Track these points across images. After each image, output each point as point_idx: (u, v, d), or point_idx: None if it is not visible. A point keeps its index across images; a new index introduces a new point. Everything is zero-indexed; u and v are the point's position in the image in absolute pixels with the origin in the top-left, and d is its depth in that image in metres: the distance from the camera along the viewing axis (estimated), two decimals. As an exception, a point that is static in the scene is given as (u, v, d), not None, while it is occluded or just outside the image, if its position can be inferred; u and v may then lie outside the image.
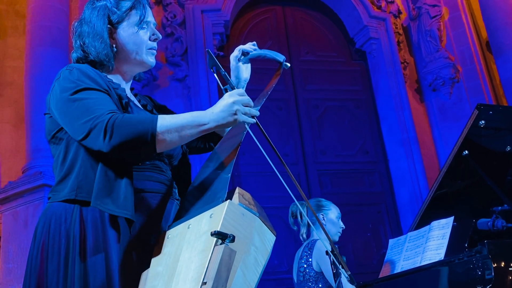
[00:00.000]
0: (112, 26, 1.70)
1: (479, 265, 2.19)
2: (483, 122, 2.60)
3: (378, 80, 6.77)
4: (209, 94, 5.87)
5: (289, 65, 1.84)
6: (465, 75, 6.68)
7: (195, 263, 1.31)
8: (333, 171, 6.31)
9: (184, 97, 5.97)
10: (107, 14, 1.69)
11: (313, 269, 3.22)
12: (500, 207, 2.46)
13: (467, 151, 2.65)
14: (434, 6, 6.77)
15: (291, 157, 6.18)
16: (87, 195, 1.50)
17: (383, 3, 6.96)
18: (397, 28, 6.97)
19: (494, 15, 6.33)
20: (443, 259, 2.41)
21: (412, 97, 6.73)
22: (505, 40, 6.19)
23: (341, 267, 1.66)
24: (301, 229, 3.47)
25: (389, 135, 6.57)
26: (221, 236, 1.27)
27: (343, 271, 1.63)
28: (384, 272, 2.77)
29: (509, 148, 2.76)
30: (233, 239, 1.28)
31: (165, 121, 1.48)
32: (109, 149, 1.46)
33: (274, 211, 5.28)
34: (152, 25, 1.76)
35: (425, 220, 2.76)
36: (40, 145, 4.80)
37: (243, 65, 1.83)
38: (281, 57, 1.83)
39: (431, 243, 2.55)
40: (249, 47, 1.84)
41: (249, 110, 1.52)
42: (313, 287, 3.22)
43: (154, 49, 1.76)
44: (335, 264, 2.15)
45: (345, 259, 1.78)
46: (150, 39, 1.74)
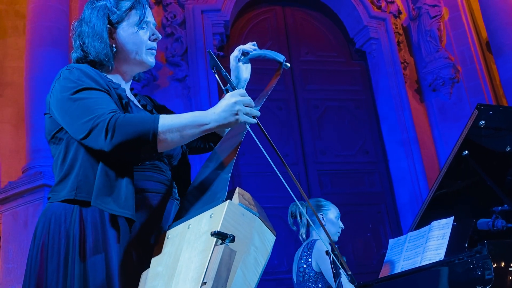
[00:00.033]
0: (111, 26, 1.70)
1: (479, 265, 2.19)
2: (483, 122, 2.60)
3: (378, 80, 6.77)
4: (209, 94, 5.87)
5: (289, 65, 1.84)
6: (465, 75, 6.68)
7: (195, 263, 1.31)
8: (333, 171, 6.31)
9: (184, 97, 5.97)
10: (107, 14, 1.69)
11: (312, 269, 3.22)
12: (500, 207, 2.46)
13: (467, 151, 2.65)
14: (434, 6, 6.77)
15: (291, 157, 6.18)
16: (87, 195, 1.50)
17: (383, 3, 6.96)
18: (397, 28, 6.97)
19: (494, 15, 6.33)
20: (443, 259, 2.41)
21: (412, 97, 6.73)
22: (505, 40, 6.19)
23: (342, 267, 1.66)
24: (300, 229, 3.46)
25: (389, 135, 6.56)
26: (221, 236, 1.27)
27: (343, 271, 1.63)
28: (384, 272, 2.77)
29: (509, 148, 2.76)
30: (233, 239, 1.28)
31: (166, 120, 1.48)
32: (111, 148, 1.46)
33: (274, 211, 5.28)
34: (152, 25, 1.76)
35: (425, 220, 2.76)
36: (40, 145, 4.79)
37: (243, 65, 1.83)
38: (281, 57, 1.83)
39: (431, 243, 2.55)
40: (249, 47, 1.84)
41: (250, 110, 1.53)
42: (313, 287, 3.21)
43: (153, 49, 1.76)
44: (335, 264, 2.15)
45: (345, 259, 1.78)
46: (150, 39, 1.74)
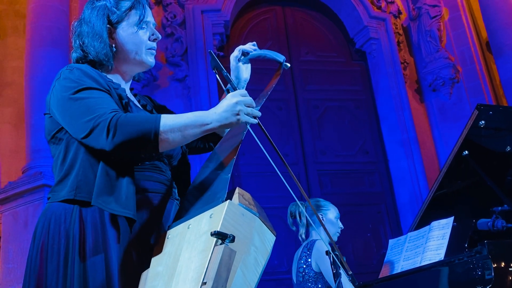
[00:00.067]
0: (111, 26, 1.69)
1: (479, 265, 2.19)
2: (483, 122, 2.61)
3: (378, 80, 6.77)
4: (209, 94, 5.87)
5: (289, 65, 1.84)
6: (465, 76, 6.68)
7: (195, 263, 1.31)
8: (333, 171, 6.31)
9: (184, 97, 5.97)
10: (107, 14, 1.69)
11: (312, 270, 3.22)
12: (500, 207, 2.46)
13: (467, 151, 2.65)
14: (434, 6, 6.77)
15: (291, 157, 6.18)
16: (87, 195, 1.50)
17: (383, 4, 6.96)
18: (397, 28, 6.97)
19: (494, 15, 6.33)
20: (443, 259, 2.41)
21: (412, 97, 6.73)
22: (505, 40, 6.19)
23: (342, 267, 1.66)
24: (300, 229, 3.45)
25: (389, 135, 6.56)
26: (221, 236, 1.27)
27: (343, 271, 1.63)
28: (384, 272, 2.77)
29: (509, 148, 2.76)
30: (233, 239, 1.28)
31: (168, 120, 1.48)
32: (112, 147, 1.46)
33: (274, 211, 5.28)
34: (151, 25, 1.76)
35: (425, 220, 2.76)
36: (40, 145, 4.79)
37: (243, 65, 1.83)
38: (281, 57, 1.83)
39: (431, 243, 2.55)
40: (249, 47, 1.84)
41: (251, 110, 1.53)
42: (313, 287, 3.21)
43: (153, 49, 1.76)
44: (335, 264, 2.14)
45: (345, 259, 1.78)
46: (149, 39, 1.74)
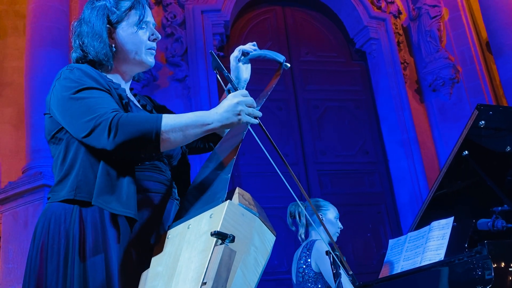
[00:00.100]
0: (111, 26, 1.70)
1: (479, 265, 2.19)
2: (483, 122, 2.60)
3: (378, 80, 6.77)
4: (209, 94, 5.87)
5: (289, 66, 1.84)
6: (465, 76, 6.68)
7: (195, 263, 1.31)
8: (333, 172, 6.31)
9: (184, 97, 5.97)
10: (107, 14, 1.69)
11: (312, 270, 3.21)
12: (500, 208, 2.46)
13: (467, 152, 2.65)
14: (434, 6, 6.77)
15: (291, 158, 6.17)
16: (87, 195, 1.50)
17: (383, 4, 6.96)
18: (397, 28, 6.97)
19: (494, 15, 6.33)
20: (443, 259, 2.41)
21: (412, 97, 6.73)
22: (505, 40, 6.19)
23: (343, 266, 1.66)
24: (299, 230, 3.45)
25: (389, 136, 6.56)
26: (221, 236, 1.27)
27: (344, 271, 1.63)
28: (384, 272, 2.77)
29: (509, 148, 2.76)
30: (233, 239, 1.28)
31: (169, 120, 1.48)
32: (113, 147, 1.46)
33: (274, 211, 5.27)
34: (151, 25, 1.76)
35: (425, 220, 2.76)
36: (40, 145, 4.80)
37: (243, 65, 1.83)
38: (281, 58, 1.83)
39: (431, 244, 2.55)
40: (249, 47, 1.84)
41: (252, 111, 1.53)
42: (313, 288, 3.21)
43: (153, 49, 1.76)
44: (336, 264, 2.14)
45: (345, 259, 1.78)
46: (149, 39, 1.74)
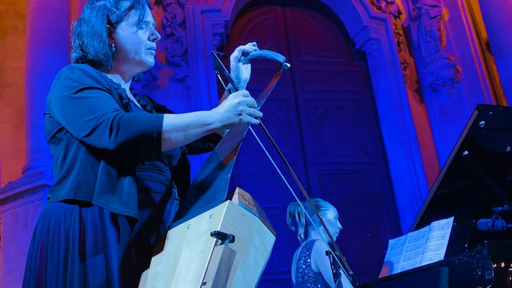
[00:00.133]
0: (111, 25, 1.70)
1: (479, 265, 2.19)
2: (483, 122, 2.60)
3: (378, 80, 6.77)
4: (209, 94, 5.87)
5: (289, 66, 1.84)
6: (465, 76, 6.68)
7: (195, 263, 1.31)
8: (333, 172, 6.31)
9: (184, 97, 5.97)
10: (106, 14, 1.69)
11: (311, 270, 3.21)
12: (500, 208, 2.46)
13: (467, 152, 2.65)
14: (434, 6, 6.77)
15: (291, 158, 6.17)
16: (87, 195, 1.50)
17: (383, 4, 6.96)
18: (397, 28, 6.97)
19: (494, 15, 6.33)
20: (443, 259, 2.41)
21: (412, 97, 6.73)
22: (505, 40, 6.19)
23: (343, 266, 1.66)
24: (299, 230, 3.44)
25: (389, 136, 6.56)
26: (221, 236, 1.27)
27: (344, 271, 1.63)
28: (384, 272, 2.77)
29: (509, 148, 2.76)
30: (233, 239, 1.28)
31: (171, 119, 1.48)
32: (115, 146, 1.46)
33: (274, 211, 5.27)
34: (151, 25, 1.76)
35: (425, 220, 2.76)
36: (40, 145, 4.79)
37: (243, 65, 1.83)
38: (281, 58, 1.83)
39: (431, 244, 2.55)
40: (249, 47, 1.84)
41: (253, 111, 1.53)
42: (313, 288, 3.21)
43: (153, 49, 1.76)
44: (335, 264, 2.14)
45: (345, 259, 1.78)
46: (149, 39, 1.74)
